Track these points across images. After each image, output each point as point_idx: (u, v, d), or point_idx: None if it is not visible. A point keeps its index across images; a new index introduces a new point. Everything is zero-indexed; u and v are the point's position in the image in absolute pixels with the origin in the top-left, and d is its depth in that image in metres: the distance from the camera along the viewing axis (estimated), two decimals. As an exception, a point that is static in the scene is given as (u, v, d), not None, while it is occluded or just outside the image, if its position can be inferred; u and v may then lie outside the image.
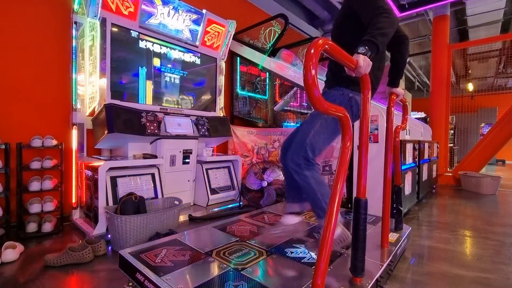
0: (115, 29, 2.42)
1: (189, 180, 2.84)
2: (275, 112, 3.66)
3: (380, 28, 1.19)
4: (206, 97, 3.28)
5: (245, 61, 3.78)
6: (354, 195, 1.21)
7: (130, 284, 1.32)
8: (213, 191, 2.91)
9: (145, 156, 2.46)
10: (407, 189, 2.73)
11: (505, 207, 3.34)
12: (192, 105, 3.12)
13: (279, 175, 2.99)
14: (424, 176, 3.43)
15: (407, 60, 1.63)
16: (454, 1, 4.87)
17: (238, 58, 3.84)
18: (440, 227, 2.52)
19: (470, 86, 6.48)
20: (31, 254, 1.78)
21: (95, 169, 2.09)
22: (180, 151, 2.68)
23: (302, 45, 3.84)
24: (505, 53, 6.05)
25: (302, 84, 0.90)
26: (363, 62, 1.07)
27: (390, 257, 1.47)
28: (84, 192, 2.35)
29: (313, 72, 0.80)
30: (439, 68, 5.24)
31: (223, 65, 3.42)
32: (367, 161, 1.20)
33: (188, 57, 3.05)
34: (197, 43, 3.06)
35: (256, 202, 2.89)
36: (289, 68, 3.17)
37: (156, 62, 2.76)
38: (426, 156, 3.58)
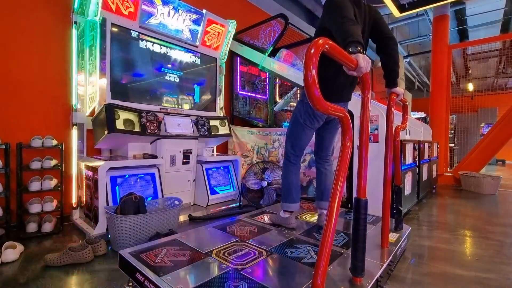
0: (115, 29, 2.42)
1: (189, 180, 2.84)
2: (275, 112, 3.66)
3: (347, 31, 1.19)
4: (206, 97, 3.28)
5: (245, 61, 3.78)
6: (354, 195, 1.21)
7: (130, 284, 1.32)
8: (213, 191, 2.91)
9: (145, 156, 2.46)
10: (407, 189, 2.73)
11: (505, 207, 3.34)
12: (192, 105, 3.12)
13: (279, 175, 2.99)
14: (424, 176, 3.43)
15: (398, 60, 1.62)
16: (454, 0, 4.87)
17: (238, 58, 3.84)
18: (440, 227, 2.52)
19: (470, 86, 6.47)
20: (31, 254, 1.77)
21: (95, 169, 2.09)
22: (180, 151, 2.68)
23: (302, 45, 3.84)
24: (505, 53, 6.04)
25: (302, 84, 0.89)
26: (363, 60, 1.05)
27: (390, 257, 1.47)
28: (84, 192, 2.35)
29: (313, 71, 0.80)
30: (439, 68, 5.24)
31: (223, 65, 3.42)
32: (367, 161, 1.20)
33: (188, 57, 3.05)
34: (197, 43, 3.06)
35: (256, 202, 2.89)
36: (289, 68, 3.17)
37: (156, 62, 2.77)
38: (426, 156, 3.58)
